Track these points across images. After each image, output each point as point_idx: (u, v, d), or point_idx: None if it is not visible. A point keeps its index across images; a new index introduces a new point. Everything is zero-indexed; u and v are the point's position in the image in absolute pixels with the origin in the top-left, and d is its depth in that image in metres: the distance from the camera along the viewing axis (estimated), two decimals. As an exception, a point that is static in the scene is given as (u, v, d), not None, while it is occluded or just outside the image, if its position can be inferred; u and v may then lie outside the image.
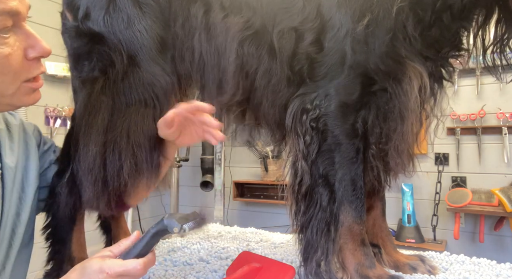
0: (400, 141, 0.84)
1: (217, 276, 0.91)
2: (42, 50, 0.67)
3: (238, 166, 3.43)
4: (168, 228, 0.65)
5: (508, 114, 2.49)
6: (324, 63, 0.83)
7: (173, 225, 0.64)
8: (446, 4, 0.77)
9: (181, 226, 0.64)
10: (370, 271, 0.81)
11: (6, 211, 0.77)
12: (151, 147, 0.86)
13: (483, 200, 2.50)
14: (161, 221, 0.66)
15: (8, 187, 0.78)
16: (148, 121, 0.87)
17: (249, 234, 1.41)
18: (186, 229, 0.65)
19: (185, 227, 0.65)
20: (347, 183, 0.81)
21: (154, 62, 0.88)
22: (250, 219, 3.41)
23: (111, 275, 0.63)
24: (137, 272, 0.65)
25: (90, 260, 0.67)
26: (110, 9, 0.87)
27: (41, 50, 0.67)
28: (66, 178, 0.86)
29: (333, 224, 0.81)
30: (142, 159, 0.85)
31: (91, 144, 0.84)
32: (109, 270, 0.64)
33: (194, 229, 0.67)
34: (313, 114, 0.83)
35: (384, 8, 0.77)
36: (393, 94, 0.80)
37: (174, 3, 0.90)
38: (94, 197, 0.85)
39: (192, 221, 0.67)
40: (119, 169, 0.84)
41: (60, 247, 0.90)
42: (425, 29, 0.80)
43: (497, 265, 0.98)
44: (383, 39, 0.78)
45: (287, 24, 0.86)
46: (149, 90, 0.88)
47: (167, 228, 0.65)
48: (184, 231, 0.65)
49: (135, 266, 0.65)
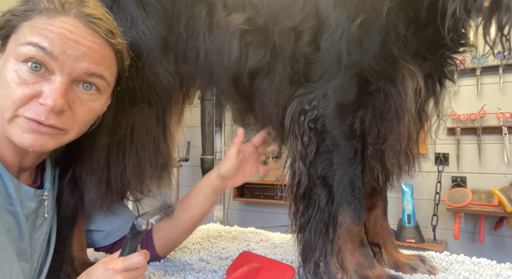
0: (396, 142, 0.83)
1: (217, 276, 0.91)
2: (48, 103, 0.66)
3: (238, 166, 3.43)
4: (136, 227, 0.69)
5: (508, 114, 2.50)
6: (321, 63, 0.83)
7: (140, 223, 0.69)
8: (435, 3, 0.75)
9: (146, 222, 0.69)
10: (370, 271, 0.81)
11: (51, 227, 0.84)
12: (155, 148, 0.87)
13: (483, 200, 2.50)
14: (132, 223, 0.70)
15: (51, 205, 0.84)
16: (151, 122, 0.87)
17: (249, 234, 1.41)
18: (152, 222, 0.69)
19: (151, 221, 0.69)
20: (346, 183, 0.81)
21: (157, 63, 0.88)
22: (250, 219, 3.41)
23: (116, 270, 0.68)
24: (140, 262, 0.70)
25: (93, 266, 0.71)
26: (113, 9, 0.87)
27: (47, 102, 0.66)
28: (67, 178, 0.86)
29: (332, 225, 0.81)
30: (146, 160, 0.85)
31: (94, 145, 0.84)
32: (113, 266, 0.68)
33: (162, 219, 0.72)
34: (311, 115, 0.83)
35: (376, 8, 0.77)
36: (388, 95, 0.80)
37: (177, 4, 0.91)
38: (97, 198, 0.85)
39: (158, 213, 0.72)
40: (122, 170, 0.84)
41: (61, 247, 0.90)
42: (418, 29, 0.79)
43: (497, 265, 0.98)
44: (376, 40, 0.78)
45: (287, 23, 0.86)
46: (152, 90, 0.88)
47: (136, 227, 0.69)
48: (151, 225, 0.69)
49: (136, 257, 0.70)
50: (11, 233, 0.72)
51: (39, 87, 0.67)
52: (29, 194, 0.75)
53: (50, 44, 0.66)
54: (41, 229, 0.80)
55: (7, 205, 0.71)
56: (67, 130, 0.71)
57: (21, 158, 0.74)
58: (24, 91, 0.66)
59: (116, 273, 0.68)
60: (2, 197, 0.70)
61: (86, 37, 0.70)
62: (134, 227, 0.70)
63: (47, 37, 0.66)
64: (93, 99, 0.74)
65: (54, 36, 0.67)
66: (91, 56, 0.70)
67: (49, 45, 0.66)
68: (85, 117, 0.74)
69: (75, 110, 0.71)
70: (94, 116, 0.77)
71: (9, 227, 0.71)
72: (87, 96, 0.73)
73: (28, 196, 0.75)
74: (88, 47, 0.70)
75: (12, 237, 0.72)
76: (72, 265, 0.92)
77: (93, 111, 0.75)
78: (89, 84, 0.72)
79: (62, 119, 0.69)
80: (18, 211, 0.73)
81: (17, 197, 0.72)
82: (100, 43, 0.72)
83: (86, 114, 0.74)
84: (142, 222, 0.69)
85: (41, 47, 0.66)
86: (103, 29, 0.72)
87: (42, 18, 0.67)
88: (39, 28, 0.67)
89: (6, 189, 0.71)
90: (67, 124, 0.70)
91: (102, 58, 0.72)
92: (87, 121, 0.76)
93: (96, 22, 0.71)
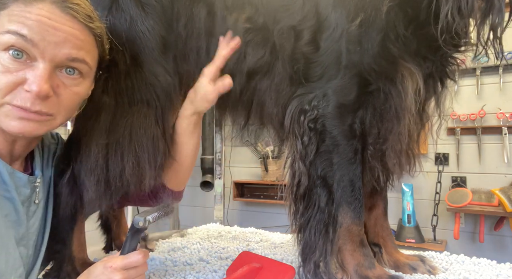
0: (396, 141, 0.83)
1: (217, 276, 0.91)
2: (33, 89, 0.67)
3: (238, 166, 3.43)
4: (135, 225, 0.71)
5: (508, 114, 2.50)
6: (320, 63, 0.83)
7: (137, 221, 0.71)
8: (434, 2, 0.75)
9: (144, 219, 0.71)
10: (370, 271, 0.81)
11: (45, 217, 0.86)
12: (154, 148, 0.86)
13: (483, 200, 2.50)
14: (132, 222, 0.72)
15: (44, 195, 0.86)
16: (150, 122, 0.87)
17: (249, 234, 1.41)
18: (149, 219, 0.71)
19: (148, 218, 0.71)
20: (346, 184, 0.81)
21: (157, 63, 0.88)
22: (250, 219, 3.41)
23: (115, 268, 0.70)
24: (139, 260, 0.71)
25: (93, 265, 0.73)
26: (113, 10, 0.87)
27: (32, 88, 0.67)
28: (66, 178, 0.86)
29: (332, 225, 0.81)
30: (145, 160, 0.85)
31: (93, 144, 0.84)
32: (112, 264, 0.70)
33: (160, 218, 0.74)
34: (311, 115, 0.83)
35: (376, 7, 0.77)
36: (388, 95, 0.80)
37: (176, 4, 0.90)
38: (96, 197, 0.85)
39: (156, 212, 0.74)
40: (121, 169, 0.84)
41: (61, 247, 0.90)
42: (418, 28, 0.79)
43: (497, 265, 0.98)
44: (376, 39, 0.78)
45: (287, 23, 0.86)
46: (151, 90, 0.88)
47: (134, 225, 0.71)
48: (148, 222, 0.71)
49: (135, 256, 0.71)
50: (8, 218, 0.73)
51: (23, 75, 0.67)
52: (23, 180, 0.77)
53: (30, 31, 0.66)
54: (35, 216, 0.81)
55: (3, 191, 0.73)
56: (54, 115, 0.72)
57: (12, 145, 0.75)
58: (8, 79, 0.67)
59: (115, 271, 0.69)
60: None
61: (65, 23, 0.70)
62: (133, 225, 0.72)
63: (25, 25, 0.67)
64: (77, 83, 0.75)
65: (33, 23, 0.67)
66: (71, 42, 0.71)
67: (28, 32, 0.66)
68: (71, 102, 0.75)
69: (60, 95, 0.72)
70: (79, 100, 0.79)
71: (6, 212, 0.73)
72: (70, 81, 0.74)
73: (22, 182, 0.77)
74: (68, 33, 0.70)
75: (10, 222, 0.74)
76: (72, 264, 0.92)
77: (78, 95, 0.76)
78: (71, 69, 0.73)
79: (48, 104, 0.70)
80: (14, 197, 0.74)
81: (12, 183, 0.74)
82: (79, 28, 0.72)
83: (71, 98, 0.75)
84: (139, 219, 0.71)
85: (20, 34, 0.66)
86: (81, 14, 0.73)
87: (19, 6, 0.68)
88: (17, 16, 0.67)
89: (1, 175, 0.72)
90: (53, 109, 0.71)
91: (83, 43, 0.73)
92: (73, 105, 0.77)
93: (73, 7, 0.72)
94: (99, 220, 1.21)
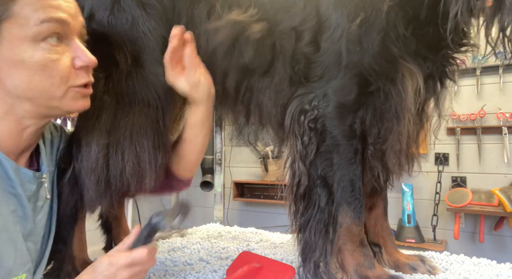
0: (396, 141, 0.84)
1: (217, 276, 0.91)
2: (87, 60, 0.74)
3: (238, 166, 3.43)
4: (159, 228, 0.71)
5: (508, 114, 2.50)
6: (321, 63, 0.83)
7: (164, 226, 0.71)
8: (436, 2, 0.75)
9: (171, 225, 0.71)
10: (370, 271, 0.81)
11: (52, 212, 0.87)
12: (154, 148, 0.87)
13: (483, 200, 2.50)
14: (150, 221, 0.72)
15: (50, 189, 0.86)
16: (151, 122, 0.87)
17: (249, 234, 1.41)
18: (177, 225, 0.71)
19: (175, 224, 0.71)
20: (346, 184, 0.82)
21: (158, 63, 0.88)
22: (250, 219, 3.41)
23: (120, 265, 0.69)
24: (143, 259, 0.71)
25: (98, 260, 0.72)
26: (114, 10, 0.88)
27: (86, 60, 0.74)
28: (67, 177, 0.87)
29: (332, 225, 0.81)
30: (145, 160, 0.86)
31: (94, 144, 0.84)
32: (117, 261, 0.69)
33: (183, 220, 0.74)
34: (311, 115, 0.83)
35: (376, 7, 0.77)
36: (388, 95, 0.80)
37: (178, 4, 0.91)
38: (96, 197, 0.85)
39: (178, 214, 0.73)
40: (122, 169, 0.84)
41: (61, 247, 0.90)
42: (418, 28, 0.79)
43: (497, 265, 0.98)
44: (376, 39, 0.78)
45: (288, 24, 0.86)
46: (152, 90, 0.88)
47: (159, 228, 0.71)
48: (175, 228, 0.72)
49: (140, 253, 0.70)
50: (15, 214, 0.74)
51: (68, 55, 0.73)
52: (28, 176, 0.77)
53: (61, 13, 0.70)
54: (42, 211, 0.81)
55: (8, 188, 0.73)
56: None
57: (19, 136, 0.76)
58: (65, 64, 0.71)
59: (120, 268, 0.69)
60: (2, 180, 0.72)
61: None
62: (154, 225, 0.71)
63: (56, 8, 0.70)
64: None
65: (57, 4, 0.70)
66: (78, 10, 0.77)
67: (62, 14, 0.70)
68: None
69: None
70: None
71: (13, 208, 0.73)
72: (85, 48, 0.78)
73: (27, 178, 0.77)
74: (72, 4, 0.75)
75: (17, 218, 0.74)
76: (72, 264, 0.92)
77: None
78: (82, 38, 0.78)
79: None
80: (20, 193, 0.75)
81: (17, 179, 0.74)
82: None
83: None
84: (166, 224, 0.71)
85: (56, 19, 0.69)
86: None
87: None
88: (41, 4, 0.68)
89: (5, 172, 0.73)
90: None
91: (79, 11, 0.79)
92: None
93: None
94: (99, 220, 1.21)
